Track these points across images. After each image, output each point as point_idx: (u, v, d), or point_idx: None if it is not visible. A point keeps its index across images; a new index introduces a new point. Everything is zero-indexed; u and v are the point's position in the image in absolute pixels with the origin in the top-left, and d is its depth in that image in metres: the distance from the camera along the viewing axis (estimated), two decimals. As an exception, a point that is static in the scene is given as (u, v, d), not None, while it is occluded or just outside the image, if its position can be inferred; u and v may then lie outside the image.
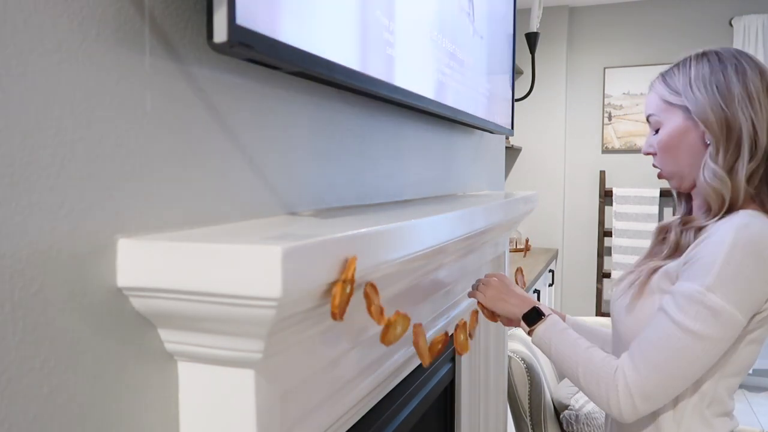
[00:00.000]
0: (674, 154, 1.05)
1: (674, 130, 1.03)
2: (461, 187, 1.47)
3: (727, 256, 0.88)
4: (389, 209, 0.90)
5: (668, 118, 1.04)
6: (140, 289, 0.52)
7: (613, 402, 0.92)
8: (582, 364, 0.96)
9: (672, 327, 0.90)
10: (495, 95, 1.51)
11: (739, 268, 0.88)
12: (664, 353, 0.90)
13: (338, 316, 0.56)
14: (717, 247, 0.90)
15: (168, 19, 0.56)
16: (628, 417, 0.92)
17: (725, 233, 0.91)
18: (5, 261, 0.43)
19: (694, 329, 0.88)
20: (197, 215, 0.60)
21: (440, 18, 1.07)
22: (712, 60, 1.01)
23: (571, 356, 0.98)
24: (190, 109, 0.59)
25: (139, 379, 0.54)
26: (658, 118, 1.06)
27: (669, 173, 1.08)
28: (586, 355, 0.97)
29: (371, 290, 0.63)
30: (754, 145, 0.96)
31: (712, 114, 0.97)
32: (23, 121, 0.44)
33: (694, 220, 1.04)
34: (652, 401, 0.91)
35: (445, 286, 1.11)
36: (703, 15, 3.72)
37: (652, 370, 0.90)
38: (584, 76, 4.00)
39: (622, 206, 3.85)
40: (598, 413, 1.78)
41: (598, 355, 0.96)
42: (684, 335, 0.89)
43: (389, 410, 0.96)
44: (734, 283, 0.88)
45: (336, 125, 0.86)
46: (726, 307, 0.87)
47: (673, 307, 0.91)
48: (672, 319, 0.90)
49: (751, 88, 0.97)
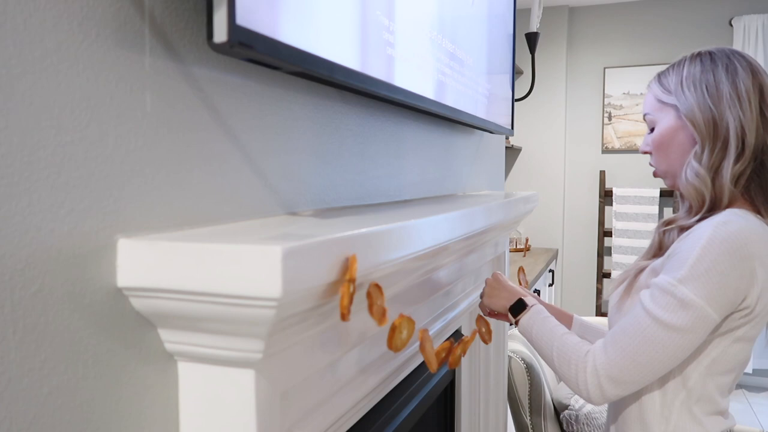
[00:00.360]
0: (666, 153, 1.06)
1: (666, 129, 1.05)
2: (461, 187, 1.47)
3: (702, 250, 0.90)
4: (389, 209, 0.90)
5: (662, 117, 1.06)
6: (140, 289, 0.52)
7: (581, 382, 0.95)
8: (557, 346, 1.00)
9: (643, 315, 0.92)
10: (495, 95, 1.51)
11: (713, 265, 0.89)
12: (633, 340, 0.92)
13: (347, 316, 0.56)
14: (694, 242, 0.91)
15: (168, 19, 0.56)
16: (595, 398, 0.95)
17: (704, 230, 0.92)
18: (5, 261, 0.43)
19: (663, 319, 0.90)
20: (197, 215, 0.60)
21: (440, 18, 1.07)
22: (705, 60, 1.02)
23: (549, 340, 1.02)
24: (190, 109, 0.59)
25: (139, 379, 0.54)
26: (653, 117, 1.08)
27: (662, 172, 1.10)
28: (561, 339, 1.01)
29: (375, 290, 0.63)
30: (741, 144, 0.97)
31: (700, 113, 0.99)
32: (23, 121, 0.44)
33: (676, 220, 1.06)
34: (619, 385, 0.93)
35: (445, 286, 1.11)
36: (703, 15, 3.72)
37: (619, 354, 0.92)
38: (584, 76, 4.00)
39: (622, 206, 3.85)
40: (598, 413, 1.78)
41: (572, 340, 1.00)
42: (652, 324, 0.91)
43: (389, 410, 0.96)
44: (707, 277, 0.89)
45: (336, 125, 0.86)
46: (695, 300, 0.89)
47: (647, 298, 0.93)
48: (644, 308, 0.93)
49: (741, 88, 0.97)
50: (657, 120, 1.07)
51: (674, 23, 3.78)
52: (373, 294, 0.62)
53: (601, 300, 3.99)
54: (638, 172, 3.91)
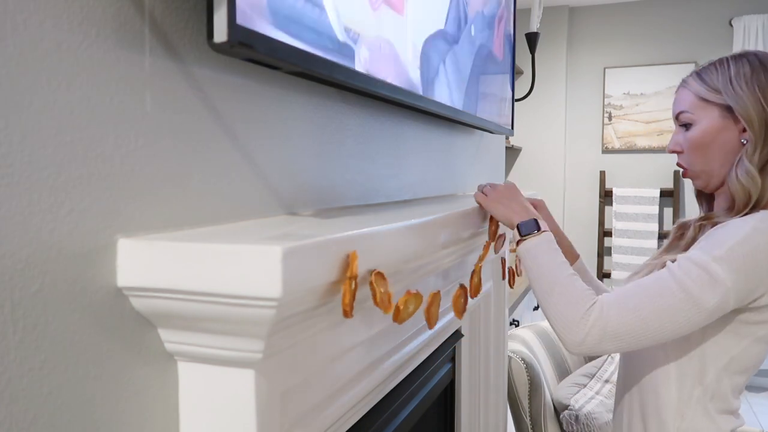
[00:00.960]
0: (705, 153, 1.05)
1: (709, 129, 1.03)
2: (461, 187, 1.47)
3: (745, 237, 0.91)
4: (389, 209, 0.90)
5: (703, 116, 1.04)
6: (140, 289, 0.52)
7: (581, 327, 0.90)
8: (561, 284, 0.93)
9: (670, 280, 0.91)
10: (495, 95, 1.51)
11: (752, 252, 0.90)
12: (652, 300, 0.90)
13: (349, 313, 0.56)
14: (737, 229, 0.92)
15: (168, 19, 0.56)
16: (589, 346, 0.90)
17: (747, 221, 0.93)
18: (5, 261, 0.43)
19: (690, 289, 0.90)
20: (197, 215, 0.60)
21: (440, 18, 1.07)
22: (752, 60, 1.02)
23: (554, 274, 0.95)
24: (190, 109, 0.59)
25: (139, 379, 0.54)
26: (692, 116, 1.06)
27: (697, 172, 1.08)
28: (568, 279, 0.94)
29: (378, 278, 0.62)
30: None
31: (754, 111, 0.99)
32: (23, 121, 0.44)
33: (714, 216, 1.05)
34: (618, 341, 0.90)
35: (445, 286, 1.11)
36: (703, 15, 3.72)
37: (631, 311, 0.90)
38: (584, 76, 4.00)
39: (622, 206, 3.85)
40: (598, 413, 1.78)
41: (581, 284, 0.94)
42: (678, 290, 0.90)
43: (389, 410, 0.96)
44: (742, 261, 0.90)
45: (336, 125, 0.86)
46: (725, 281, 0.89)
47: (676, 267, 0.93)
48: (672, 274, 0.92)
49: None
50: (697, 119, 1.05)
51: (674, 23, 3.77)
52: (375, 283, 0.62)
53: (601, 300, 3.99)
54: (638, 172, 3.91)
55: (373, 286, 0.62)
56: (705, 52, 3.68)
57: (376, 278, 0.62)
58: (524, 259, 0.99)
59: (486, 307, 1.54)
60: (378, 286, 0.62)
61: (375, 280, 0.62)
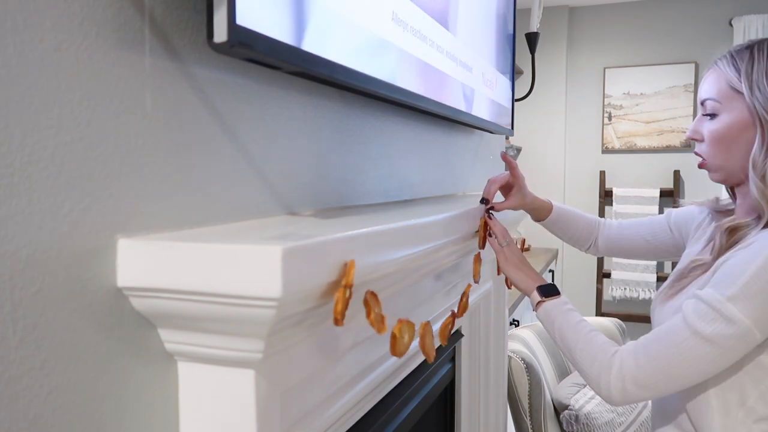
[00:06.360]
0: (728, 147, 0.97)
1: (735, 123, 0.95)
2: (461, 187, 1.47)
3: (758, 269, 0.86)
4: (389, 209, 0.90)
5: (731, 108, 0.96)
6: (140, 289, 0.52)
7: (604, 382, 0.93)
8: (582, 340, 0.97)
9: (682, 327, 0.89)
10: (495, 95, 1.51)
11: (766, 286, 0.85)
12: (669, 350, 0.89)
13: (340, 322, 0.56)
14: (750, 259, 0.88)
15: (168, 19, 0.56)
16: (617, 400, 0.93)
17: (761, 248, 0.88)
18: (5, 261, 0.43)
19: (704, 333, 0.87)
20: (197, 215, 0.60)
21: (440, 18, 1.07)
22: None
23: (574, 333, 0.99)
24: (190, 109, 0.59)
25: (139, 379, 0.54)
26: (719, 105, 0.97)
27: (716, 166, 1.00)
28: (588, 336, 0.98)
29: (371, 298, 0.63)
30: None
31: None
32: (23, 121, 0.44)
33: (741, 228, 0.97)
34: (644, 390, 0.91)
35: (445, 286, 1.11)
36: (703, 15, 3.72)
37: (650, 363, 0.90)
38: (584, 76, 4.00)
39: (622, 206, 3.85)
40: (598, 413, 1.78)
41: (600, 338, 0.97)
42: (691, 337, 0.88)
43: (389, 410, 0.96)
44: (759, 298, 0.85)
45: (336, 125, 0.86)
46: (743, 320, 0.86)
47: (689, 310, 0.90)
48: (685, 320, 0.90)
49: None
50: (724, 109, 0.96)
51: (674, 23, 3.77)
52: (370, 302, 0.62)
53: (601, 300, 3.99)
54: (638, 172, 3.91)
55: (368, 303, 0.62)
56: (705, 52, 3.68)
57: (370, 297, 0.62)
58: (544, 320, 1.05)
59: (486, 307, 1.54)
60: (372, 306, 0.62)
61: (369, 299, 0.62)
